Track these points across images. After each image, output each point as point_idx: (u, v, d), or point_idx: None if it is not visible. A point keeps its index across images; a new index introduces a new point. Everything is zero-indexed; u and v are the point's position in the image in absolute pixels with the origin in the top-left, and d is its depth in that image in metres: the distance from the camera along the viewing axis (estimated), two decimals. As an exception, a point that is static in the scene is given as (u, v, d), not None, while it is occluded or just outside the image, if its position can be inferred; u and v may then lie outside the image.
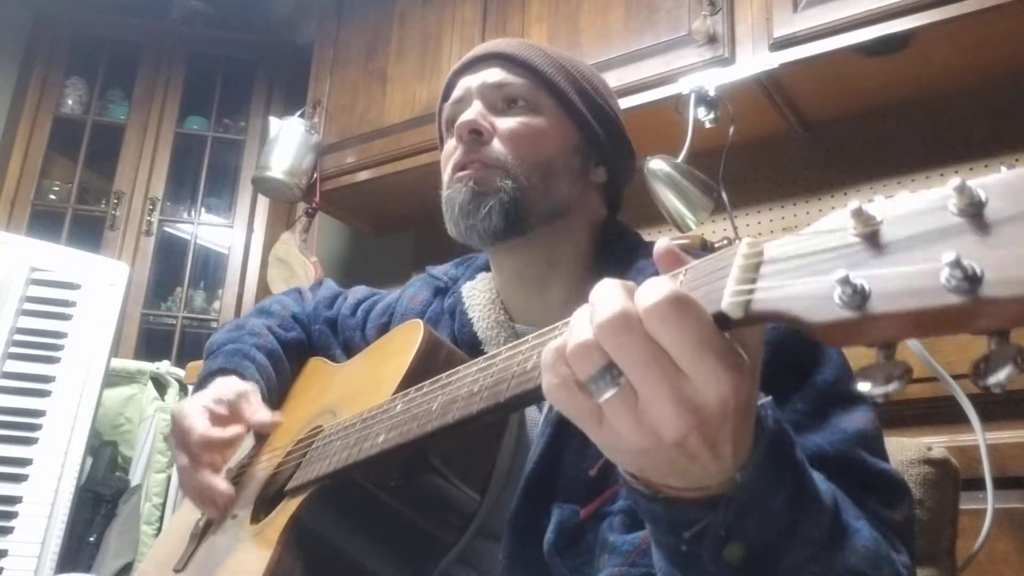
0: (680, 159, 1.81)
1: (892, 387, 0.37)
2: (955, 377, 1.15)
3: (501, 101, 0.91)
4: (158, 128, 3.07)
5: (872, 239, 0.37)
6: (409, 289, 1.06)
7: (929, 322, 0.34)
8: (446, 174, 0.92)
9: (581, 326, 0.44)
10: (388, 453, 0.69)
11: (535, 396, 0.54)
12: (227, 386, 0.97)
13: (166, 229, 3.10)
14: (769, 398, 0.50)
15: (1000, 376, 0.34)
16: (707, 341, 0.41)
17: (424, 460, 0.76)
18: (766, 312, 0.40)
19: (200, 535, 0.96)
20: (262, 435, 1.03)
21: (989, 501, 1.08)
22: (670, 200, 1.81)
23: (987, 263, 0.33)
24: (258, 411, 0.94)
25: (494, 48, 0.94)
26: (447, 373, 0.68)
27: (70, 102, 3.13)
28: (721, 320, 0.42)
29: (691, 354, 0.41)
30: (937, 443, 0.97)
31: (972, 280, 0.32)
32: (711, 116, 1.87)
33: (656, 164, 1.80)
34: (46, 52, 3.13)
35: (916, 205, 0.37)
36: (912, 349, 1.18)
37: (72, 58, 3.16)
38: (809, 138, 2.12)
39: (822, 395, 0.70)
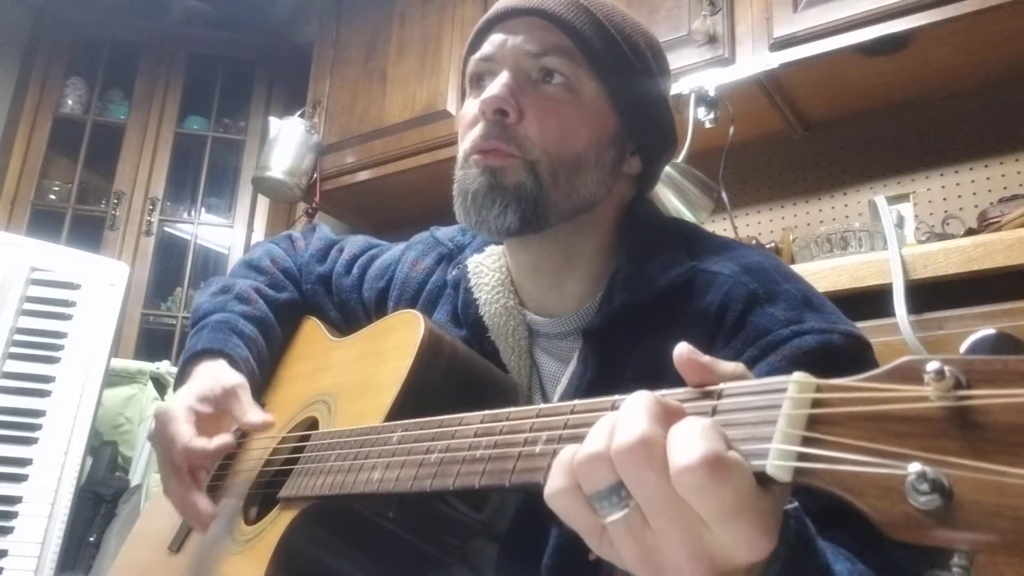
0: (680, 159, 1.81)
1: None
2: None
3: (536, 71, 0.79)
4: (158, 128, 3.07)
5: (958, 417, 0.30)
6: (411, 252, 0.98)
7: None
8: (462, 146, 0.81)
9: (598, 436, 0.39)
10: (382, 494, 0.65)
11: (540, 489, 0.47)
12: (214, 379, 0.89)
13: (166, 229, 3.11)
14: (795, 504, 0.44)
15: None
16: (744, 509, 0.36)
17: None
18: (819, 486, 0.34)
19: (184, 536, 0.93)
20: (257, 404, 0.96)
21: (989, 501, 1.08)
22: (670, 200, 1.81)
23: None
24: (248, 411, 0.86)
25: (537, 2, 0.80)
26: (449, 418, 0.61)
27: (70, 102, 3.13)
28: (762, 480, 0.36)
29: (723, 521, 0.36)
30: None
31: None
32: (711, 116, 1.87)
33: (656, 164, 1.80)
34: (46, 52, 3.13)
35: (1017, 376, 0.30)
36: (912, 349, 1.18)
37: (72, 58, 3.16)
38: (809, 138, 2.12)
39: (765, 343, 0.68)
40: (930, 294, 1.21)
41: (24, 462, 1.77)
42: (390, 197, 2.63)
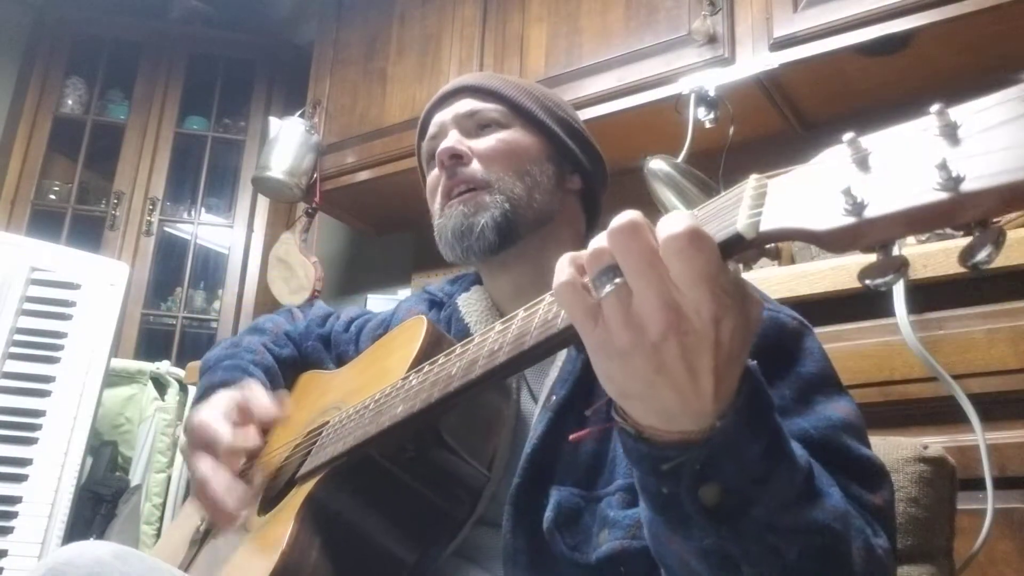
0: (680, 159, 1.81)
1: (890, 277, 0.43)
2: (955, 377, 1.15)
3: (475, 127, 0.98)
4: (158, 128, 3.08)
5: (865, 162, 0.43)
6: (404, 303, 1.10)
7: (921, 218, 0.40)
8: (435, 204, 0.98)
9: (598, 237, 0.50)
10: (408, 422, 0.71)
11: (560, 340, 0.57)
12: (231, 394, 0.97)
13: (166, 229, 3.11)
14: (754, 363, 0.54)
15: (983, 254, 0.41)
16: (707, 275, 0.46)
17: (437, 434, 0.79)
18: (777, 229, 0.45)
19: (201, 540, 0.96)
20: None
21: (989, 501, 1.08)
22: (670, 200, 1.81)
23: (968, 165, 0.39)
24: (264, 401, 0.95)
25: (463, 82, 1.02)
26: (461, 344, 0.71)
27: (70, 102, 3.13)
28: (736, 242, 0.47)
29: (689, 281, 0.46)
30: (937, 443, 0.97)
31: (956, 180, 0.39)
32: (711, 116, 1.87)
33: (656, 164, 1.80)
34: (46, 52, 3.13)
35: (902, 132, 0.44)
36: (912, 349, 1.18)
37: (72, 58, 3.16)
38: (809, 138, 2.12)
39: (806, 384, 0.73)
40: (930, 294, 1.21)
41: (24, 462, 1.77)
42: (390, 197, 2.63)
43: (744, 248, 0.47)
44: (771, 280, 1.32)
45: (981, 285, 1.19)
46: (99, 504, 2.08)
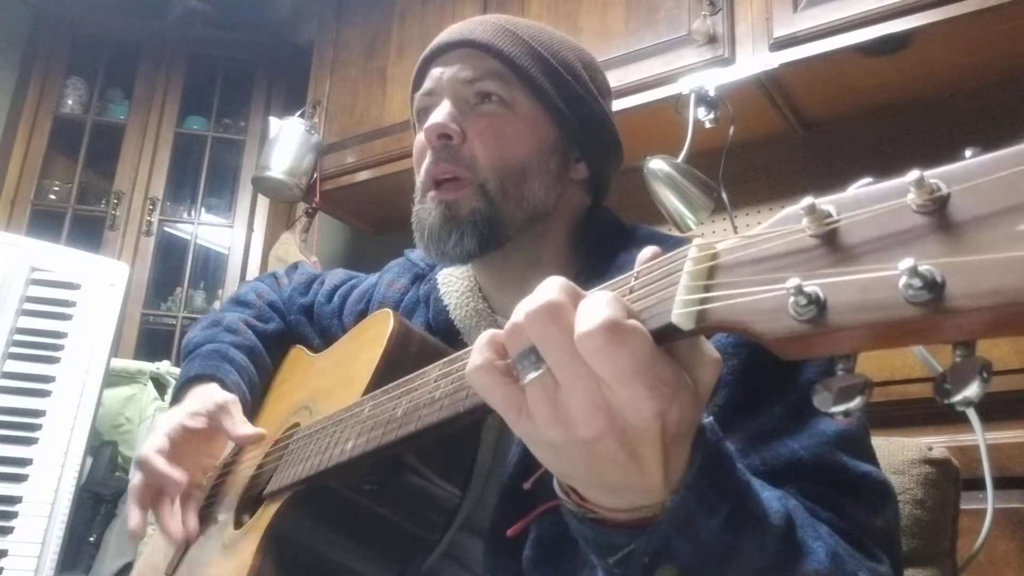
0: (680, 159, 1.81)
1: (852, 404, 0.35)
2: (955, 377, 1.15)
3: (473, 96, 0.85)
4: (158, 128, 3.07)
5: (828, 240, 0.35)
6: (387, 274, 1.02)
7: (887, 335, 0.33)
8: (417, 179, 0.87)
9: (516, 311, 0.44)
10: (357, 460, 0.68)
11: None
12: (205, 397, 0.93)
13: (166, 229, 3.10)
14: (710, 419, 0.48)
15: (968, 392, 0.32)
16: (639, 371, 0.40)
17: (398, 461, 0.75)
18: (717, 323, 0.39)
19: (184, 546, 0.95)
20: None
21: (989, 501, 1.08)
22: (670, 200, 1.81)
23: (949, 269, 0.31)
24: (239, 426, 0.90)
25: (465, 34, 0.87)
26: (413, 375, 0.66)
27: (70, 102, 3.13)
28: (670, 331, 0.40)
29: (618, 381, 0.40)
30: (937, 443, 0.97)
31: (932, 288, 0.31)
32: (711, 116, 1.87)
33: (656, 164, 1.80)
34: (46, 52, 3.13)
35: (873, 202, 0.35)
36: (912, 349, 1.18)
37: (72, 58, 3.16)
38: (809, 138, 2.12)
39: (803, 396, 0.66)
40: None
41: (24, 462, 1.77)
42: (390, 197, 2.63)
43: (683, 337, 0.41)
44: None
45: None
46: (99, 504, 2.08)
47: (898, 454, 0.91)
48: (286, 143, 2.62)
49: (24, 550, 1.71)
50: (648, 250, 0.47)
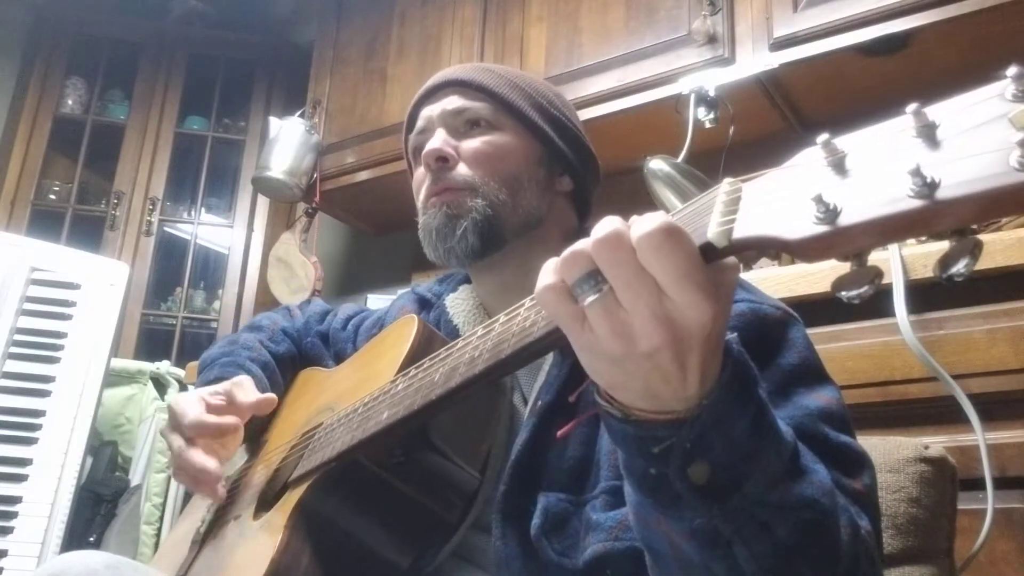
0: (680, 159, 1.81)
1: (865, 289, 0.42)
2: (955, 377, 1.15)
3: (463, 125, 0.95)
4: (158, 128, 3.07)
5: (840, 165, 0.42)
6: (397, 303, 1.09)
7: (895, 227, 0.39)
8: (419, 202, 0.96)
9: (579, 243, 0.48)
10: (394, 428, 0.71)
11: (537, 348, 0.57)
12: (217, 385, 0.99)
13: (166, 229, 3.10)
14: (735, 335, 0.54)
15: (959, 266, 0.39)
16: (692, 272, 0.45)
17: (426, 438, 0.78)
18: (749, 238, 0.44)
19: (201, 541, 0.96)
20: (257, 442, 1.05)
21: (989, 501, 1.08)
22: (670, 200, 1.81)
23: (943, 171, 0.37)
24: (251, 394, 0.96)
25: (451, 76, 0.98)
26: (445, 348, 0.71)
27: (70, 102, 3.13)
28: (708, 250, 0.46)
29: (676, 282, 0.45)
30: (937, 443, 0.97)
31: (930, 186, 0.37)
32: (711, 116, 1.87)
33: (656, 164, 1.80)
34: (46, 52, 3.13)
35: (878, 132, 0.42)
36: (912, 349, 1.18)
37: (72, 58, 3.16)
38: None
39: (786, 375, 0.72)
40: (930, 294, 1.21)
41: (24, 462, 1.77)
42: (390, 197, 2.63)
43: (717, 256, 0.46)
44: (771, 280, 1.32)
45: (981, 285, 1.19)
46: (99, 504, 2.08)
47: (894, 452, 0.91)
48: (286, 143, 2.62)
49: (24, 550, 1.71)
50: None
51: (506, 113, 0.95)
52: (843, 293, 0.43)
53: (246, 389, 0.97)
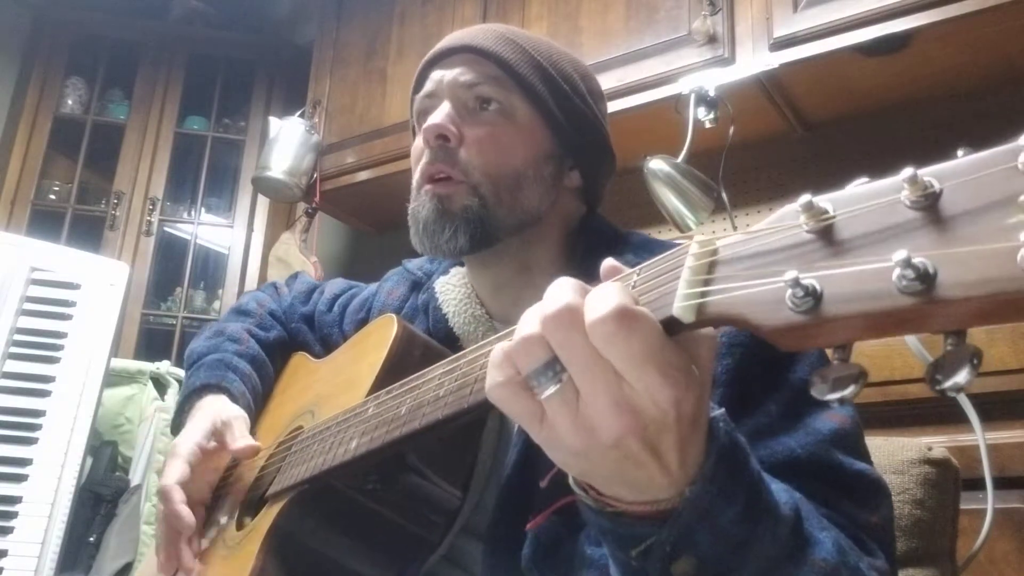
0: (680, 159, 1.81)
1: (846, 392, 0.37)
2: (955, 377, 1.15)
3: (472, 100, 0.87)
4: (158, 128, 3.07)
5: (824, 235, 0.37)
6: (386, 283, 1.03)
7: (881, 324, 0.34)
8: (414, 177, 0.89)
9: (530, 321, 0.44)
10: (360, 459, 0.68)
11: None
12: (216, 414, 0.94)
13: (166, 229, 3.10)
14: (722, 410, 0.49)
15: (958, 379, 0.33)
16: (651, 356, 0.41)
17: (401, 461, 0.75)
18: (718, 316, 0.40)
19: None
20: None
21: (989, 501, 1.08)
22: (670, 200, 1.81)
23: (941, 261, 0.32)
24: (238, 439, 0.92)
25: (467, 40, 0.89)
26: (416, 375, 0.67)
27: (70, 102, 3.13)
28: (673, 324, 0.41)
29: (633, 368, 0.41)
30: (937, 443, 0.97)
31: (924, 279, 0.32)
32: (711, 116, 1.87)
33: (656, 164, 1.80)
34: (46, 52, 3.13)
35: (869, 198, 0.36)
36: (912, 349, 1.18)
37: (72, 58, 3.16)
38: (809, 138, 2.13)
39: (797, 394, 0.68)
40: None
41: (24, 462, 1.77)
42: (390, 197, 2.63)
43: (684, 329, 0.42)
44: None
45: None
46: (99, 504, 2.08)
47: (898, 454, 0.91)
48: (286, 143, 2.62)
49: (24, 550, 1.71)
50: (607, 262, 0.48)
51: (521, 96, 0.86)
52: (825, 393, 0.37)
53: (235, 432, 0.92)
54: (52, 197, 3.04)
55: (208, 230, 3.16)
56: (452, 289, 0.93)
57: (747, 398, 0.67)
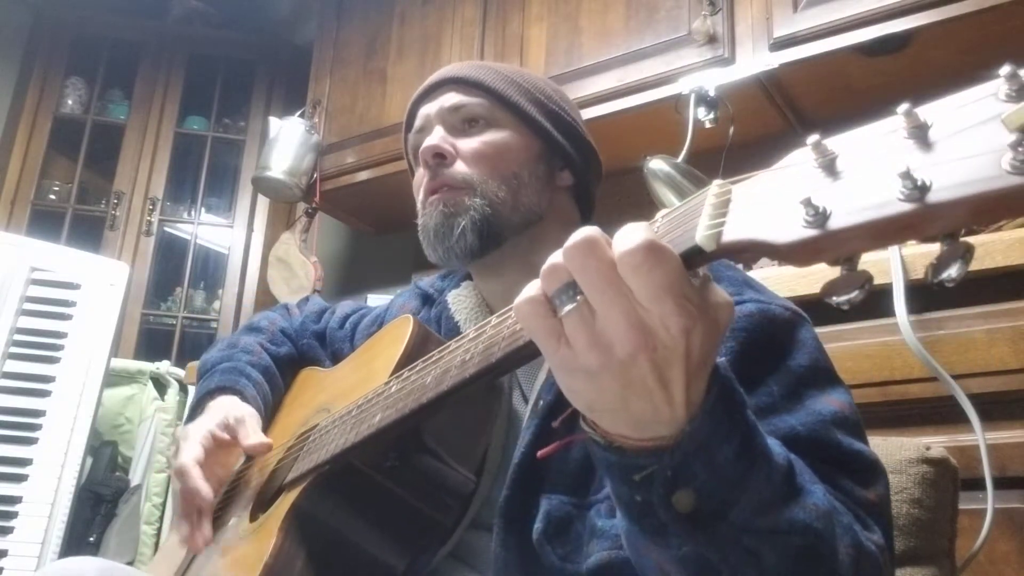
0: (680, 159, 1.81)
1: (855, 294, 0.42)
2: (955, 377, 1.15)
3: (460, 122, 0.94)
4: (158, 128, 3.07)
5: (831, 167, 0.41)
6: (398, 300, 1.08)
7: (885, 231, 0.38)
8: (418, 201, 0.96)
9: (554, 254, 0.48)
10: (385, 431, 0.70)
11: (527, 352, 0.56)
12: (228, 409, 0.98)
13: (166, 229, 3.10)
14: (723, 359, 0.53)
15: (951, 271, 0.39)
16: (670, 288, 0.44)
17: (419, 440, 0.77)
18: (737, 241, 0.44)
19: None
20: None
21: (989, 501, 1.08)
22: (670, 200, 1.81)
23: (935, 173, 0.37)
24: (251, 436, 0.94)
25: (448, 74, 0.97)
26: (437, 351, 0.70)
27: (70, 102, 3.13)
28: (696, 253, 0.45)
29: (653, 297, 0.44)
30: (937, 443, 0.97)
31: (921, 189, 0.36)
32: (711, 116, 1.87)
33: (656, 164, 1.80)
34: (46, 52, 3.13)
35: (869, 133, 0.41)
36: (912, 349, 1.18)
37: (72, 58, 3.16)
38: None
39: (797, 378, 0.71)
40: (930, 294, 1.21)
41: (24, 462, 1.77)
42: (390, 197, 2.63)
43: (705, 260, 0.46)
44: (771, 280, 1.32)
45: (981, 285, 1.19)
46: (99, 504, 2.08)
47: (896, 453, 0.91)
48: (286, 143, 2.62)
49: (24, 550, 1.71)
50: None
51: (504, 109, 0.94)
52: (833, 298, 0.42)
53: (248, 428, 0.95)
54: (52, 197, 3.04)
55: (208, 230, 3.16)
56: (463, 299, 0.97)
57: (749, 378, 0.68)
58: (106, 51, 3.21)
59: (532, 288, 0.49)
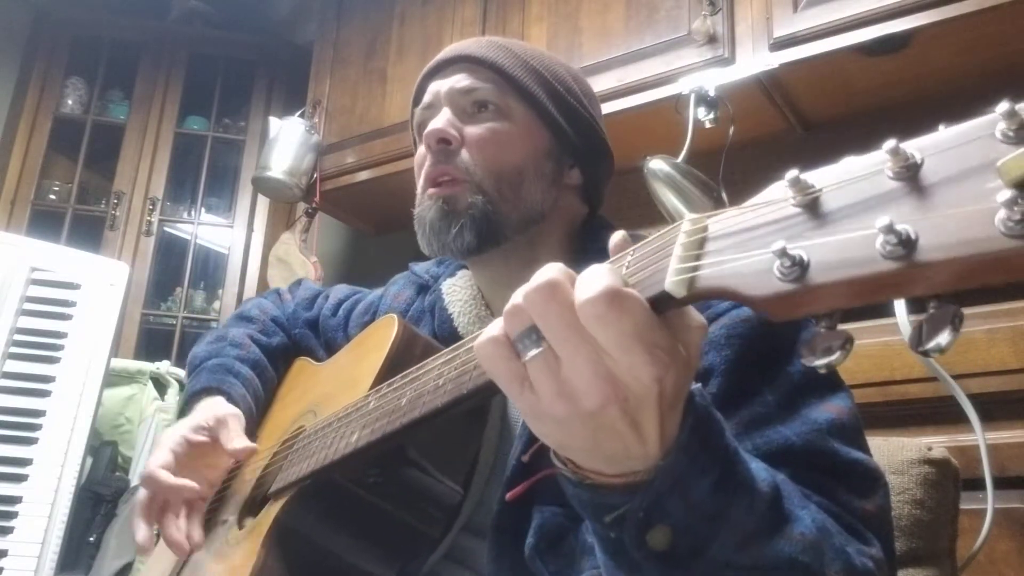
0: (680, 159, 1.81)
1: (833, 358, 0.38)
2: (955, 377, 1.15)
3: (470, 106, 0.89)
4: (158, 128, 3.07)
5: (811, 208, 0.38)
6: (392, 287, 1.05)
7: (866, 289, 0.35)
8: (418, 184, 0.92)
9: (516, 295, 0.46)
10: (362, 451, 0.69)
11: (496, 387, 0.53)
12: (210, 411, 0.95)
13: (166, 229, 3.10)
14: (699, 386, 0.50)
15: (940, 340, 0.34)
16: (639, 336, 0.42)
17: (402, 454, 0.76)
18: (708, 289, 0.41)
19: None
20: (250, 437, 1.03)
21: (989, 501, 1.08)
22: (670, 200, 1.81)
23: (922, 227, 0.33)
24: (234, 439, 0.91)
25: (462, 50, 0.92)
26: (416, 367, 0.69)
27: (70, 102, 3.13)
28: (665, 299, 0.42)
29: (620, 347, 0.42)
30: (937, 443, 0.97)
31: (907, 245, 0.33)
32: (711, 116, 1.87)
33: (656, 164, 1.80)
34: (46, 52, 3.13)
35: (853, 171, 0.37)
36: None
37: (72, 58, 3.16)
38: (809, 138, 2.12)
39: (795, 385, 0.68)
40: (930, 294, 1.21)
41: (24, 462, 1.77)
42: (390, 197, 2.63)
43: (676, 305, 0.43)
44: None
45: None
46: (99, 504, 2.08)
47: (897, 454, 0.91)
48: (286, 143, 2.62)
49: (24, 550, 1.71)
50: (618, 234, 0.50)
51: (517, 98, 0.89)
52: (805, 362, 0.39)
53: (231, 430, 0.92)
54: (52, 197, 3.04)
55: (208, 230, 3.16)
56: (458, 290, 0.94)
57: (745, 388, 0.68)
58: (106, 51, 3.21)
59: (495, 327, 0.46)
